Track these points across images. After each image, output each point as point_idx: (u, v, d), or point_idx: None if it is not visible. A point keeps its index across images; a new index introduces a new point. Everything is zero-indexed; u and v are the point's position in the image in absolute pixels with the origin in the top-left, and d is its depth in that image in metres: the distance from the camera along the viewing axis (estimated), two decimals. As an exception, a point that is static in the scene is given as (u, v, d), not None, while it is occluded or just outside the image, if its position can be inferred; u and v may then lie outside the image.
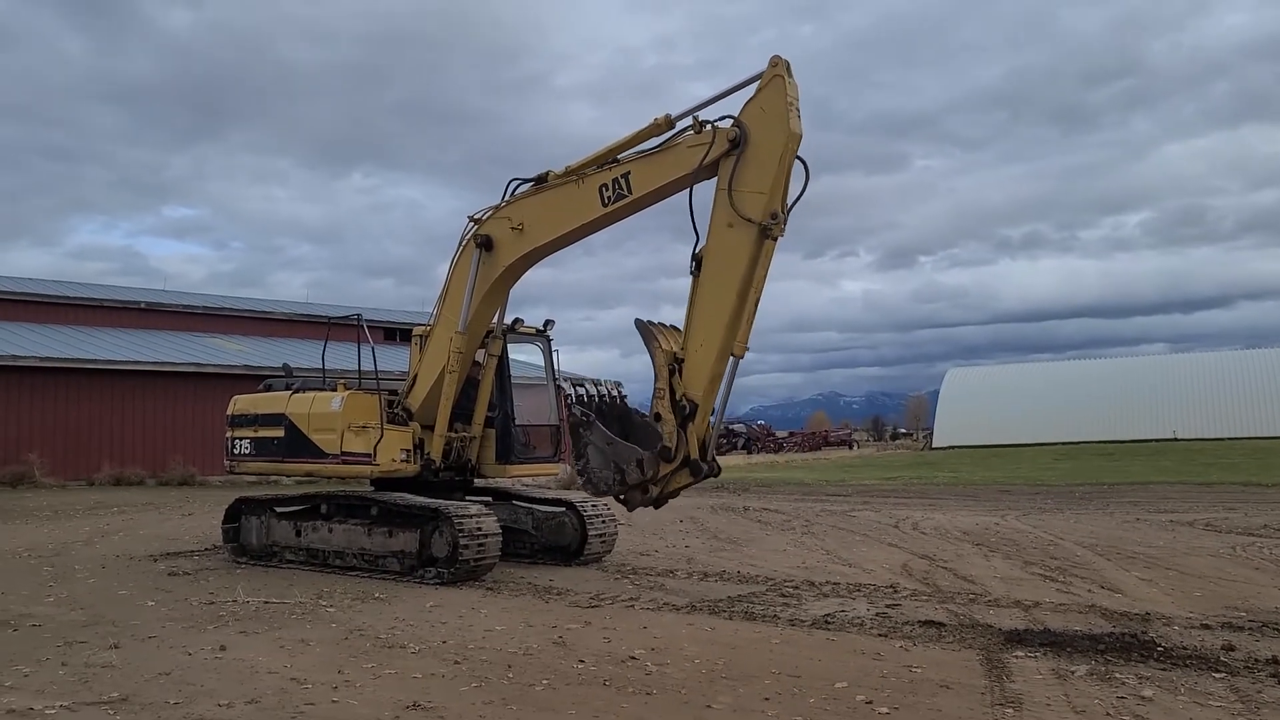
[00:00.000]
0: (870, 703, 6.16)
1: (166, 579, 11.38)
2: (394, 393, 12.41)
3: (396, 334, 36.93)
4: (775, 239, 9.50)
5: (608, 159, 10.47)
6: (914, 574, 11.59)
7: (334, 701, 6.18)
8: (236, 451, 13.02)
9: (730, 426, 57.85)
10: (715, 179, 9.69)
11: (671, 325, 10.35)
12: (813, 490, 28.57)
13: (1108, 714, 5.93)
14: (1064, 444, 53.65)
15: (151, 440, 29.94)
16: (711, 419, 10.00)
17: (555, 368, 13.12)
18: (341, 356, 13.76)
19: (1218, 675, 6.82)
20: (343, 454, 11.80)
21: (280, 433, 12.40)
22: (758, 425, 73.89)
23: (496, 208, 11.31)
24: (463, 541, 10.67)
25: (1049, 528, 16.65)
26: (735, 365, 9.79)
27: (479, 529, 10.83)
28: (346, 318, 12.80)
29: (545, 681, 6.68)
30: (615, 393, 11.06)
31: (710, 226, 9.75)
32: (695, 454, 9.77)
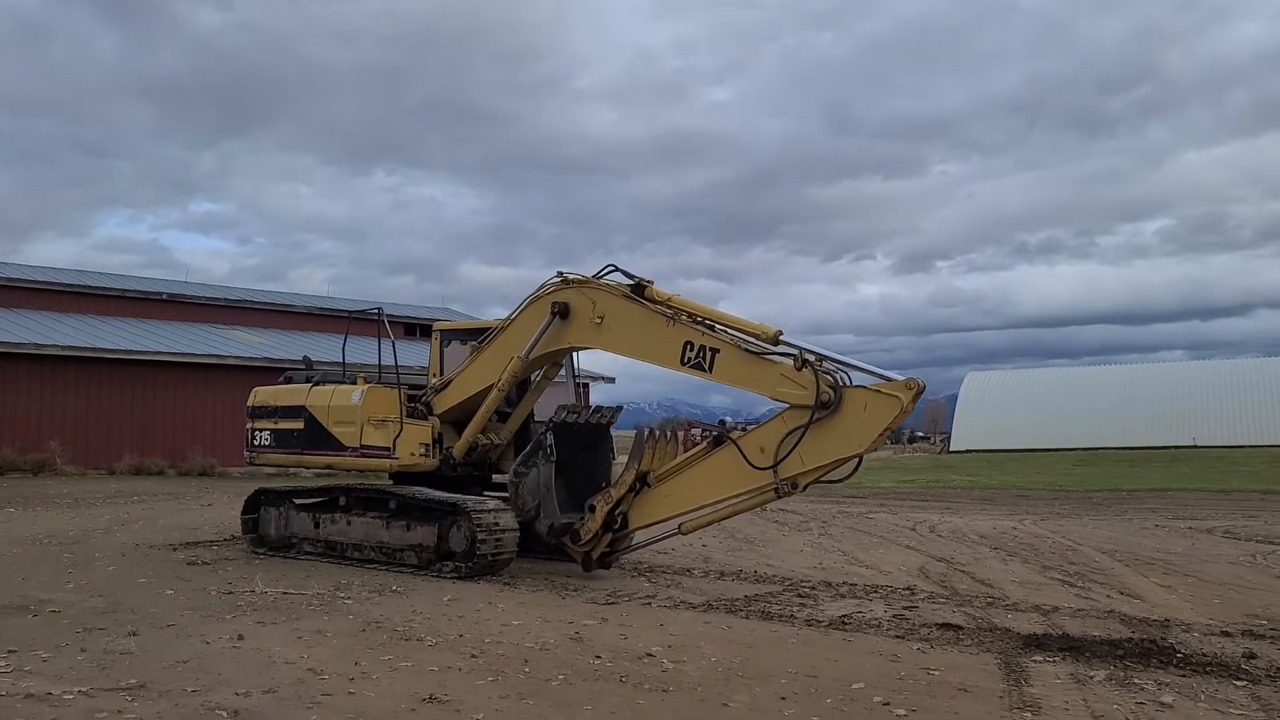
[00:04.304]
0: (887, 704, 6.13)
1: (185, 568, 11.45)
2: (415, 387, 12.43)
3: (417, 329, 37.05)
4: (779, 496, 9.77)
5: (707, 320, 10.17)
6: (931, 576, 11.55)
7: (350, 693, 6.19)
8: (256, 443, 13.08)
9: (746, 427, 57.67)
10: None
11: (672, 434, 11.33)
12: (829, 492, 28.47)
13: (1126, 719, 5.89)
14: (1082, 449, 53.33)
15: (172, 430, 30.14)
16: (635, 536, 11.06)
17: (576, 368, 13.17)
18: (362, 351, 13.81)
19: (1239, 683, 6.76)
20: (362, 447, 11.86)
21: (300, 425, 12.46)
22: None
23: (587, 280, 10.89)
24: (480, 536, 10.69)
25: (1067, 533, 16.57)
26: (677, 530, 10.67)
27: (496, 524, 10.84)
28: (367, 311, 12.84)
29: (562, 677, 6.68)
30: (607, 419, 11.91)
31: (750, 434, 10.01)
32: (598, 553, 10.96)
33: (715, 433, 10.55)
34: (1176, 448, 53.39)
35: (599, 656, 7.28)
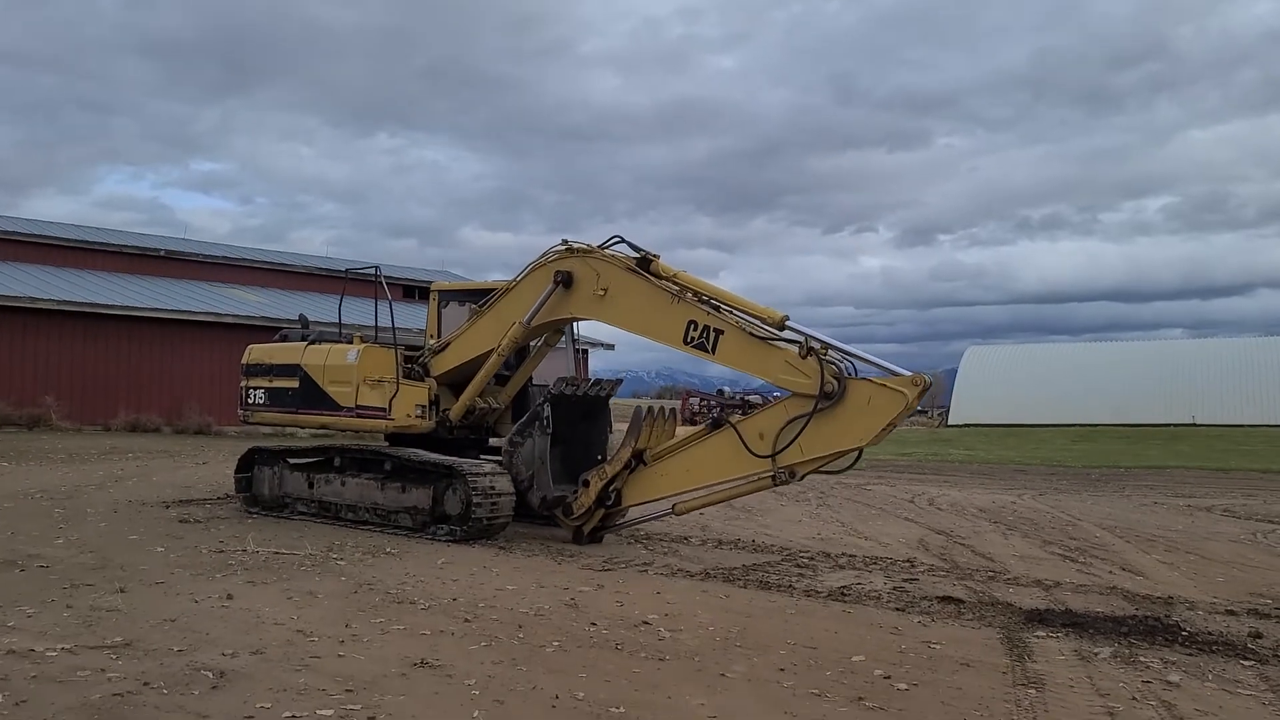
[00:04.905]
0: (889, 678, 6.00)
1: (177, 526, 11.33)
2: (412, 348, 12.26)
3: (415, 291, 36.81)
4: (777, 484, 9.65)
5: (712, 300, 9.95)
6: (931, 549, 11.43)
7: (340, 655, 6.06)
8: (251, 401, 12.91)
9: (746, 398, 57.54)
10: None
11: (672, 412, 11.07)
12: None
13: (1133, 698, 5.76)
14: (1081, 426, 53.26)
15: (168, 388, 29.96)
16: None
17: (576, 334, 13.03)
18: (359, 312, 13.62)
19: (1246, 663, 6.64)
20: (357, 408, 11.69)
21: (295, 384, 12.28)
22: (773, 398, 73.41)
23: (591, 250, 10.66)
24: (476, 500, 10.56)
25: (1066, 508, 16.45)
26: (670, 510, 10.55)
27: (493, 488, 10.71)
28: (364, 269, 12.63)
29: (556, 643, 6.55)
30: (606, 391, 11.76)
31: (750, 420, 9.85)
32: (589, 528, 10.83)
33: (714, 404, 10.51)
34: (1176, 425, 53.34)
35: (594, 623, 7.15)
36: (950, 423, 63.94)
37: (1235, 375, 59.61)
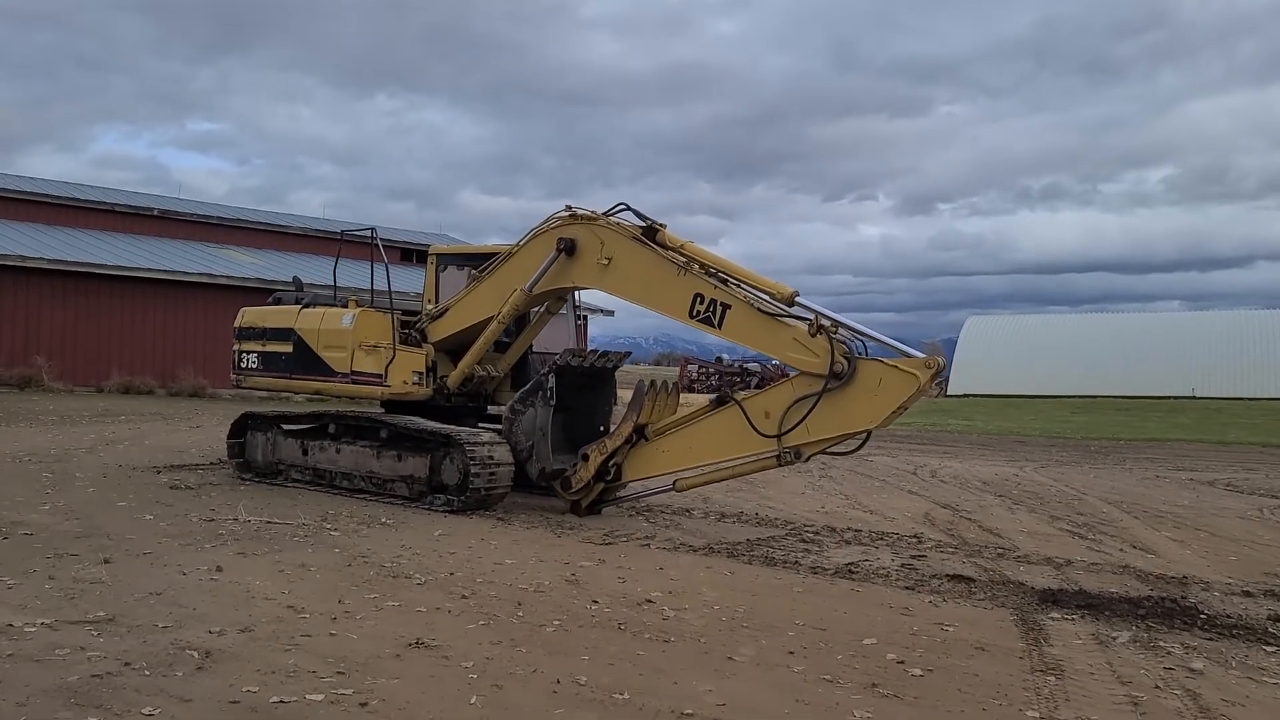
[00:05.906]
0: (902, 663, 5.77)
1: (168, 492, 11.09)
2: (409, 313, 11.98)
3: (413, 255, 36.41)
4: (782, 464, 9.40)
5: (720, 272, 9.65)
6: (937, 524, 11.21)
7: (332, 634, 5.81)
8: (243, 365, 12.64)
9: (745, 365, 57.25)
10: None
11: (675, 386, 10.86)
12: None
13: (1156, 686, 5.53)
14: (1080, 397, 53.08)
15: (162, 350, 29.65)
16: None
17: (577, 301, 12.75)
18: (355, 275, 13.32)
19: (1269, 648, 6.42)
20: (353, 373, 11.42)
21: (289, 348, 12.00)
22: (772, 365, 73.20)
23: (595, 217, 10.35)
24: (474, 469, 10.31)
25: (1069, 481, 16.26)
26: (671, 486, 10.37)
27: (491, 457, 10.46)
28: (360, 231, 12.31)
29: (557, 623, 6.32)
30: (612, 363, 11.38)
31: (756, 398, 9.57)
32: (587, 501, 10.63)
33: (712, 372, 10.25)
34: (1175, 398, 53.19)
35: (596, 601, 6.92)
36: (949, 393, 63.77)
37: (1234, 348, 59.39)
